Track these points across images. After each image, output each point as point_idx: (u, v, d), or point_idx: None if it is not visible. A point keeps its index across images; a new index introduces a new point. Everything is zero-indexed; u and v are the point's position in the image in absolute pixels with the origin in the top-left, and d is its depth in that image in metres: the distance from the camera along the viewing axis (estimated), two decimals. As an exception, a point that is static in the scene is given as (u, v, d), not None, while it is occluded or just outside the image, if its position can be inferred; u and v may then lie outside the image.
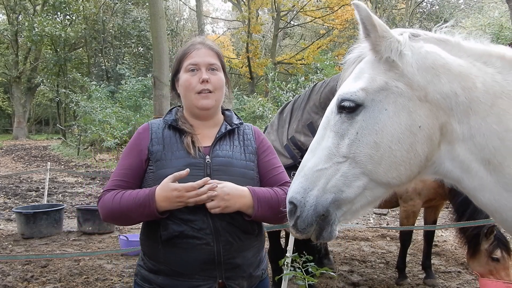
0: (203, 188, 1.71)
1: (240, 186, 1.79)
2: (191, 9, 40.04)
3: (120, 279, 5.03)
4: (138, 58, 30.74)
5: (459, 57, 1.37)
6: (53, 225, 6.99)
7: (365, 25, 1.38)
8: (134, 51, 30.37)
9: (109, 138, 17.55)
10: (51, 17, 28.19)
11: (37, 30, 25.31)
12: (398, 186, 1.42)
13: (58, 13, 28.39)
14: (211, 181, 1.74)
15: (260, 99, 19.27)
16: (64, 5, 26.59)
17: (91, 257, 5.77)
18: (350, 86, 1.42)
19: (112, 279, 5.00)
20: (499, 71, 1.34)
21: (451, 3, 31.94)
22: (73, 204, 9.50)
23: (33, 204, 8.98)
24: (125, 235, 6.25)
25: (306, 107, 4.00)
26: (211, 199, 1.72)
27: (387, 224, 8.11)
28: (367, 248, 6.55)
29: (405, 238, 5.04)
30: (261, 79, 34.31)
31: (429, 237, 5.18)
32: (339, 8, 29.52)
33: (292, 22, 35.31)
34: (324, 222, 1.41)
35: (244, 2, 32.36)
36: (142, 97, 21.04)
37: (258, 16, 32.25)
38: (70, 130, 27.78)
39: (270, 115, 16.81)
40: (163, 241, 1.78)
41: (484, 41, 1.42)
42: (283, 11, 32.49)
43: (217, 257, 1.77)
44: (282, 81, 20.09)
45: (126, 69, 23.53)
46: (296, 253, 3.08)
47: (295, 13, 33.04)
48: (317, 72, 17.94)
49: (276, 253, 4.34)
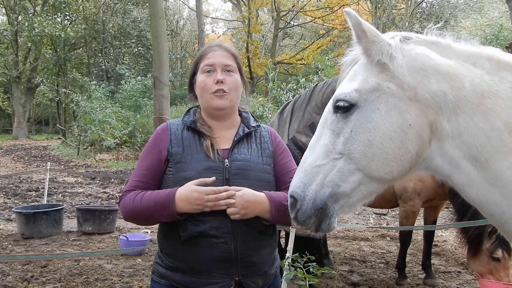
0: (222, 194, 1.75)
1: (258, 192, 1.82)
2: (191, 9, 40.06)
3: (120, 279, 5.03)
4: (138, 58, 30.76)
5: (448, 58, 1.43)
6: (53, 225, 6.99)
7: (356, 31, 1.46)
8: (134, 51, 30.38)
9: (109, 138, 17.56)
10: (51, 17, 28.20)
11: (37, 30, 25.32)
12: (390, 181, 1.49)
13: (58, 13, 28.37)
14: (232, 188, 1.78)
15: (260, 99, 19.28)
16: (64, 5, 26.60)
17: (91, 257, 5.78)
18: (344, 87, 1.50)
19: (112, 279, 5.01)
20: (487, 71, 1.40)
21: (451, 3, 31.94)
22: (73, 204, 9.50)
23: (33, 204, 8.97)
24: (125, 235, 6.26)
25: (307, 107, 4.01)
26: (231, 206, 1.76)
27: (387, 224, 8.12)
28: (367, 248, 6.56)
29: (405, 238, 5.04)
30: (261, 79, 34.33)
31: (429, 237, 5.18)
32: (339, 8, 29.52)
33: (292, 22, 35.33)
34: (322, 214, 1.50)
35: (244, 2, 32.38)
36: (142, 97, 21.04)
37: (258, 16, 32.27)
38: (70, 130, 27.78)
39: (270, 115, 16.81)
40: (182, 241, 1.82)
41: (474, 43, 1.48)
42: (283, 11, 32.51)
43: (234, 255, 1.82)
44: (282, 81, 20.09)
45: (126, 69, 23.54)
46: (297, 253, 3.08)
47: (295, 13, 33.06)
48: (317, 72, 17.96)
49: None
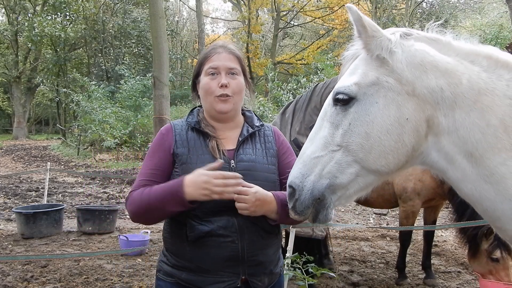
0: (231, 181, 1.72)
1: (266, 191, 1.82)
2: (191, 9, 40.06)
3: (120, 279, 5.03)
4: (138, 58, 30.75)
5: (447, 55, 1.45)
6: (53, 225, 6.98)
7: (356, 26, 1.49)
8: (134, 51, 30.36)
9: (109, 138, 17.56)
10: (51, 17, 28.19)
11: (37, 30, 25.32)
12: (387, 173, 1.51)
13: (58, 13, 28.36)
14: (245, 184, 1.76)
15: (260, 99, 19.28)
16: (64, 5, 26.60)
17: (91, 257, 5.78)
18: (345, 80, 1.53)
19: (112, 279, 5.01)
20: (484, 69, 1.42)
21: (451, 3, 31.94)
22: (73, 204, 9.50)
23: (33, 204, 8.97)
24: (125, 235, 6.26)
25: (307, 108, 4.00)
26: (242, 201, 1.75)
27: (387, 224, 8.12)
28: (367, 248, 6.56)
29: (405, 238, 5.04)
30: (261, 79, 34.31)
31: (429, 237, 5.18)
32: (339, 8, 29.52)
33: (292, 22, 35.32)
34: (320, 205, 1.53)
35: (244, 2, 32.37)
36: (142, 97, 21.04)
37: (258, 16, 32.25)
38: (70, 130, 27.78)
39: (270, 115, 16.81)
40: (189, 241, 1.82)
41: (473, 41, 1.49)
42: (283, 11, 32.51)
43: (241, 254, 1.82)
44: (282, 81, 20.10)
45: (126, 69, 23.54)
46: (296, 253, 3.08)
47: (295, 13, 33.06)
48: (317, 72, 17.97)
49: None
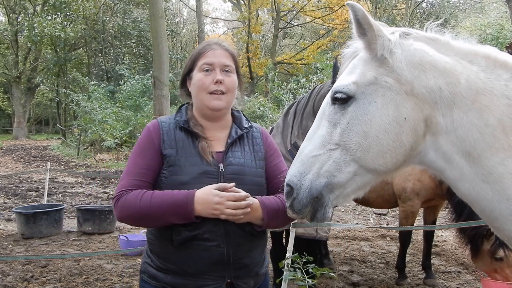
0: (242, 203, 1.72)
1: (252, 198, 1.80)
2: (191, 9, 40.05)
3: (120, 279, 5.03)
4: (138, 58, 30.74)
5: (446, 55, 1.45)
6: (53, 225, 6.98)
7: (361, 25, 1.46)
8: (134, 51, 30.36)
9: (109, 138, 17.55)
10: (51, 17, 28.18)
11: (37, 30, 25.32)
12: (385, 173, 1.51)
13: (58, 13, 28.36)
14: (244, 194, 1.75)
15: (260, 99, 19.28)
16: (64, 5, 26.58)
17: (91, 257, 5.77)
18: (343, 79, 1.53)
19: (112, 279, 5.00)
20: (483, 69, 1.42)
21: (451, 3, 31.94)
22: (73, 204, 9.50)
23: (33, 204, 8.96)
24: (125, 235, 6.26)
25: (304, 112, 3.98)
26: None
27: (387, 224, 8.12)
28: (367, 248, 6.55)
29: (405, 238, 5.04)
30: (261, 79, 34.31)
31: (428, 237, 5.18)
32: (339, 8, 29.52)
33: (292, 22, 35.32)
34: (317, 204, 1.53)
35: (244, 2, 32.37)
36: (142, 97, 21.04)
37: (258, 16, 32.25)
38: (70, 130, 27.78)
39: (270, 115, 16.82)
40: (175, 245, 1.79)
41: (472, 41, 1.50)
42: (283, 11, 32.51)
43: (226, 258, 1.81)
44: (282, 81, 20.09)
45: (126, 69, 23.53)
46: (296, 253, 3.08)
47: (295, 13, 33.06)
48: (317, 72, 17.97)
49: (278, 253, 4.34)
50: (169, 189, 1.77)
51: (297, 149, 3.97)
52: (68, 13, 28.21)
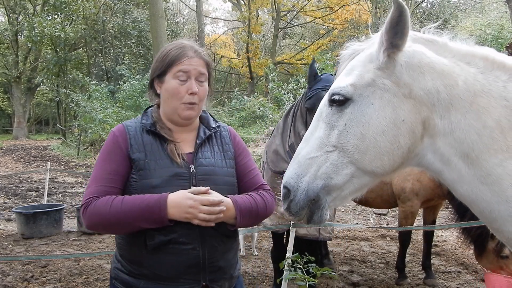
0: (216, 208, 1.71)
1: (224, 197, 1.79)
2: (191, 9, 40.04)
3: (120, 279, 5.03)
4: (138, 58, 30.74)
5: (444, 57, 1.45)
6: (53, 225, 6.99)
7: (403, 28, 1.39)
8: (134, 51, 30.35)
9: (109, 138, 17.51)
10: (51, 17, 28.18)
11: (37, 30, 25.32)
12: (382, 175, 1.51)
13: (58, 13, 28.36)
14: (218, 199, 1.73)
15: (260, 99, 19.26)
16: (64, 5, 26.58)
17: (91, 257, 5.77)
18: (340, 81, 1.52)
19: (112, 279, 5.00)
20: (481, 71, 1.42)
21: (452, 3, 31.94)
22: (73, 204, 9.50)
23: (33, 204, 8.97)
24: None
25: (296, 115, 3.99)
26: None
27: (387, 224, 8.12)
28: (367, 248, 6.55)
29: (404, 238, 5.04)
30: (261, 79, 34.31)
31: (428, 237, 5.18)
32: (339, 8, 29.53)
33: (292, 22, 35.32)
34: (314, 206, 1.52)
35: (244, 2, 32.37)
36: (142, 97, 21.04)
37: (258, 16, 32.25)
38: (70, 130, 27.78)
39: (270, 115, 16.82)
40: (148, 249, 1.75)
41: (470, 42, 1.50)
42: (283, 11, 32.52)
43: (202, 261, 1.79)
44: (282, 81, 20.09)
45: (126, 69, 23.54)
46: (297, 253, 3.08)
47: (295, 13, 33.06)
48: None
49: (279, 254, 4.34)
50: (140, 194, 1.73)
51: (294, 151, 3.97)
52: (68, 13, 28.20)
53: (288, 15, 33.76)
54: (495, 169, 1.35)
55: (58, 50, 29.42)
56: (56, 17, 28.58)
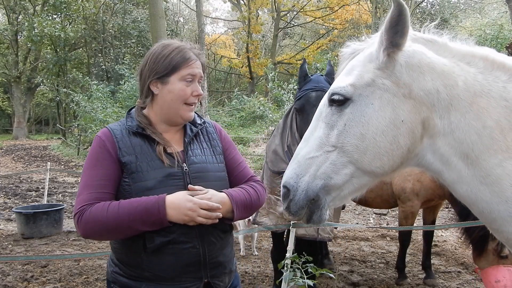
0: (213, 214, 1.73)
1: (220, 193, 1.81)
2: (191, 9, 40.04)
3: (120, 279, 5.03)
4: (138, 58, 30.72)
5: (444, 57, 1.45)
6: (53, 225, 6.99)
7: (404, 27, 1.39)
8: (134, 51, 30.36)
9: (109, 138, 17.51)
10: (50, 17, 28.19)
11: (37, 30, 25.33)
12: (382, 175, 1.51)
13: (58, 13, 28.37)
14: (201, 193, 1.75)
15: (260, 99, 19.27)
16: (64, 5, 26.59)
17: (91, 257, 5.78)
18: (340, 81, 1.52)
19: (112, 279, 5.00)
20: (481, 71, 1.41)
21: (451, 3, 31.94)
22: (73, 204, 9.48)
23: (33, 204, 8.97)
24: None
25: (293, 115, 3.99)
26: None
27: (387, 224, 8.11)
28: (367, 248, 6.55)
29: (404, 238, 5.04)
30: (261, 79, 34.32)
31: (428, 237, 5.18)
32: (339, 8, 29.54)
33: (292, 22, 35.33)
34: (314, 206, 1.52)
35: (244, 2, 32.38)
36: (142, 97, 21.04)
37: (258, 16, 32.26)
38: (70, 130, 27.78)
39: (270, 115, 16.82)
40: (148, 252, 1.73)
41: (470, 42, 1.49)
42: (283, 11, 32.53)
43: (202, 258, 1.80)
44: (282, 81, 20.10)
45: (126, 69, 23.55)
46: (295, 254, 3.08)
47: (295, 13, 33.07)
48: (317, 72, 17.94)
49: (279, 254, 4.34)
50: (134, 197, 1.71)
51: (291, 151, 3.96)
52: (68, 13, 28.20)
53: (288, 15, 33.78)
54: (495, 170, 1.35)
55: (58, 50, 29.43)
56: (56, 17, 28.60)
